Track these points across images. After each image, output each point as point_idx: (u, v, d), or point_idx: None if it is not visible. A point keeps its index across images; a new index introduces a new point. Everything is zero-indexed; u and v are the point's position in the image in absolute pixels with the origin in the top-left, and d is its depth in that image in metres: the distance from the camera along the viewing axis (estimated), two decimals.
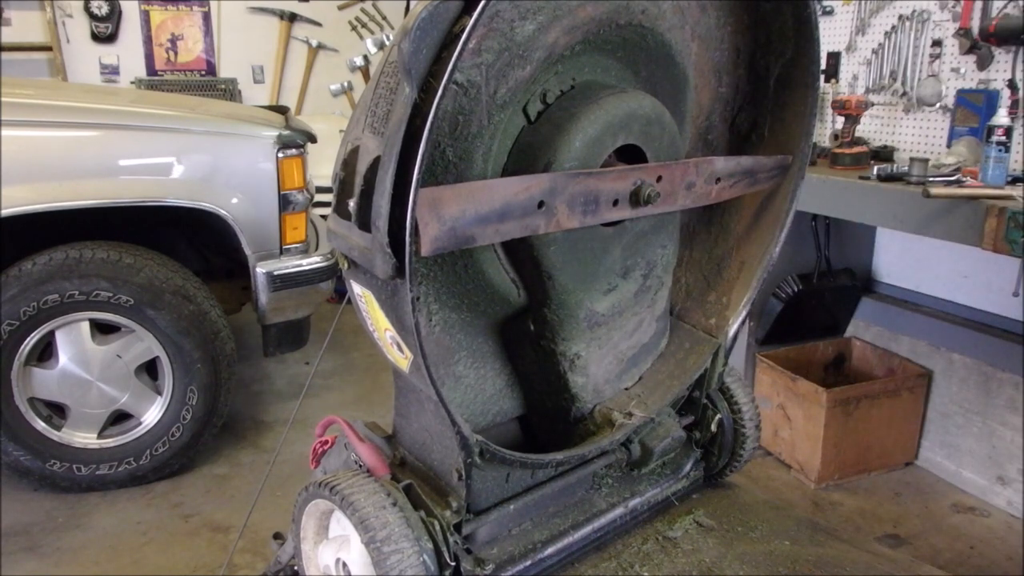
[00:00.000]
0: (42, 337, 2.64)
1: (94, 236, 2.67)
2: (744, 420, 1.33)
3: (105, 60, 5.73)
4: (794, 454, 3.01)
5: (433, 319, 1.01)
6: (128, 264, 2.62)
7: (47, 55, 5.49)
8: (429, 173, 0.88)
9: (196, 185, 2.74)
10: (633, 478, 1.26)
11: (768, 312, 3.14)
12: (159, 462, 2.84)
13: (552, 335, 1.08)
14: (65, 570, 2.37)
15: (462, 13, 0.75)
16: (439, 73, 0.73)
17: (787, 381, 2.96)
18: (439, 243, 0.82)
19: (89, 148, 2.64)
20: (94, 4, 5.55)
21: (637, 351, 1.23)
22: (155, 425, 2.82)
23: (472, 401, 1.11)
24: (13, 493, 2.77)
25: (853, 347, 3.27)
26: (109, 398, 2.76)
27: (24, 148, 2.53)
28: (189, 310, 2.72)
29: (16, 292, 2.53)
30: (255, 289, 2.89)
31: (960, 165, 2.32)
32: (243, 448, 3.17)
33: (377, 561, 0.91)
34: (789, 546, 1.17)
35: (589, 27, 0.95)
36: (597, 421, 1.16)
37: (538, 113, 0.97)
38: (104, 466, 2.78)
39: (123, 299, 2.62)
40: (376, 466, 1.05)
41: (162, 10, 5.84)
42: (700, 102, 1.21)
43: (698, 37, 1.14)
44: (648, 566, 1.12)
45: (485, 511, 1.05)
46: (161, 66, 5.92)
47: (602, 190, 0.98)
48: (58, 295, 2.56)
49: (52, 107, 2.75)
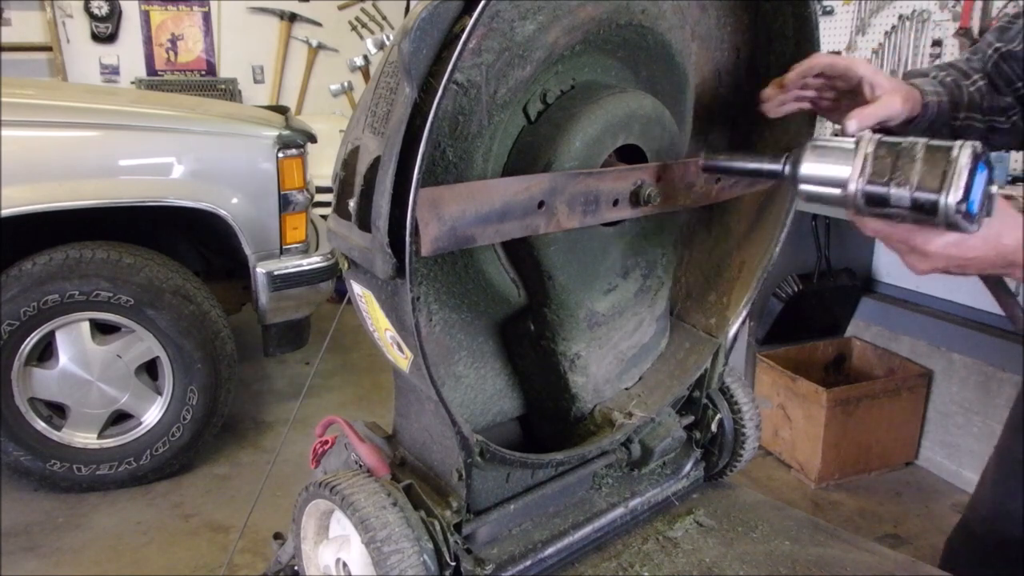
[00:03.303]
0: (42, 337, 2.64)
1: (94, 236, 2.67)
2: (744, 420, 1.33)
3: (105, 60, 5.74)
4: (794, 454, 3.02)
5: (433, 319, 1.01)
6: (128, 264, 2.62)
7: (47, 55, 5.50)
8: (429, 173, 0.88)
9: (196, 185, 2.74)
10: (633, 478, 1.26)
11: (768, 312, 3.14)
12: (159, 462, 2.84)
13: (552, 335, 1.08)
14: (65, 570, 2.37)
15: (462, 13, 0.75)
16: (439, 73, 0.73)
17: (787, 381, 2.96)
18: (439, 243, 0.81)
19: (89, 148, 2.65)
20: (94, 4, 5.55)
21: (637, 351, 1.23)
22: (155, 425, 2.82)
23: (472, 401, 1.11)
24: (13, 493, 2.77)
25: (853, 347, 3.27)
26: (109, 398, 2.76)
27: (24, 148, 2.53)
28: (189, 310, 2.73)
29: (16, 292, 2.53)
30: (255, 289, 2.89)
31: None
32: (243, 448, 3.17)
33: (377, 561, 0.91)
34: (789, 546, 1.17)
35: (589, 27, 0.95)
36: (597, 421, 1.16)
37: (538, 113, 0.97)
38: (104, 466, 2.78)
39: (123, 299, 2.63)
40: (376, 466, 1.05)
41: (162, 10, 5.84)
42: (700, 102, 1.21)
43: (698, 37, 1.14)
44: (648, 566, 1.12)
45: (485, 511, 1.05)
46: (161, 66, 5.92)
47: (602, 190, 0.98)
48: (58, 295, 2.56)
49: (52, 107, 2.75)
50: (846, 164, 0.85)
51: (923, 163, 0.79)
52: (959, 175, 0.77)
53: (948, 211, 0.79)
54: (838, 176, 0.85)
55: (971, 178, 0.78)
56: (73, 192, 2.57)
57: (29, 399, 2.68)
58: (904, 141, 0.82)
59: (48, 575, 2.35)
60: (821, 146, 0.89)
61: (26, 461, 2.70)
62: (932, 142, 0.80)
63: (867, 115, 1.05)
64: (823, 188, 0.88)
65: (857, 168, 0.83)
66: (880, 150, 0.83)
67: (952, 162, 0.78)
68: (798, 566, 1.12)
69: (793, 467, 3.03)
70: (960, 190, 0.77)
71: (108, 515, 2.68)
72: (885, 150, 0.82)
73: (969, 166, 0.77)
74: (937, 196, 0.78)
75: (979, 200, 0.79)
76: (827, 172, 0.87)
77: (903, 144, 0.82)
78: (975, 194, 0.78)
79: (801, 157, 0.89)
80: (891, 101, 1.08)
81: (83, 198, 2.58)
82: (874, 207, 0.84)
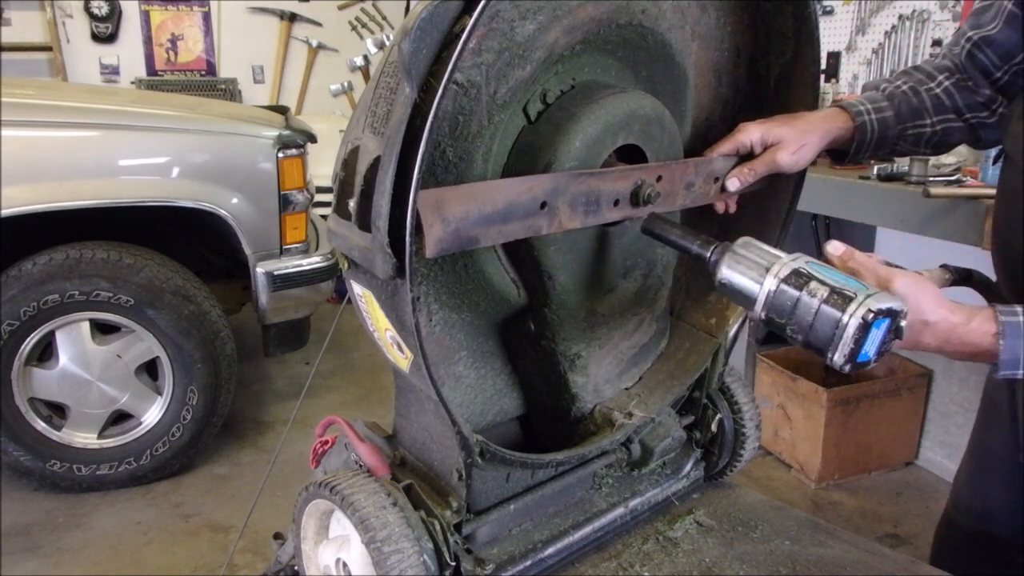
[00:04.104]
0: (42, 337, 2.64)
1: (94, 236, 2.67)
2: (744, 420, 1.33)
3: (105, 60, 5.74)
4: (794, 454, 3.01)
5: (433, 319, 1.01)
6: (128, 264, 2.62)
7: (47, 55, 5.50)
8: (429, 173, 0.88)
9: (196, 185, 2.74)
10: (633, 478, 1.26)
11: None
12: (159, 462, 2.84)
13: (552, 335, 1.08)
14: (65, 570, 2.37)
15: (462, 13, 0.75)
16: (439, 73, 0.73)
17: (787, 381, 2.96)
18: (443, 244, 0.81)
19: (89, 148, 2.65)
20: (94, 4, 5.55)
21: (637, 351, 1.23)
22: (155, 425, 2.82)
23: (472, 401, 1.11)
24: (13, 493, 2.77)
25: None
26: (109, 398, 2.76)
27: (24, 148, 2.53)
28: (189, 310, 2.72)
29: (16, 292, 2.53)
30: (255, 289, 2.89)
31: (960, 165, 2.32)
32: (243, 448, 3.17)
33: (377, 561, 0.91)
34: (789, 546, 1.17)
35: (589, 27, 0.95)
36: (597, 421, 1.16)
37: (538, 113, 0.97)
38: (104, 466, 2.78)
39: (123, 299, 2.63)
40: (376, 466, 1.05)
41: (162, 10, 5.84)
42: (700, 102, 1.21)
43: (698, 37, 1.14)
44: (648, 566, 1.12)
45: (485, 511, 1.05)
46: (161, 66, 5.92)
47: (603, 190, 0.98)
48: (58, 295, 2.56)
49: (52, 107, 2.75)
50: (756, 285, 0.88)
51: (815, 317, 0.83)
52: (845, 343, 0.81)
53: (835, 365, 0.83)
54: (748, 293, 0.89)
55: (860, 341, 0.81)
56: (73, 192, 2.57)
57: (29, 399, 2.68)
58: (811, 283, 0.84)
59: (48, 575, 2.35)
60: (742, 255, 0.91)
61: (26, 461, 2.70)
62: (836, 289, 0.82)
63: (745, 174, 1.12)
64: (735, 298, 0.92)
65: (760, 300, 0.87)
66: (787, 283, 0.85)
67: (841, 328, 0.81)
68: (798, 566, 1.12)
69: (793, 467, 3.03)
70: (845, 355, 0.81)
71: (108, 515, 2.68)
72: (792, 285, 0.85)
73: (856, 335, 0.80)
74: (826, 353, 0.83)
75: (875, 349, 0.82)
76: (740, 285, 0.90)
77: (806, 290, 0.84)
78: (868, 346, 0.81)
79: (721, 261, 0.93)
80: (771, 157, 1.12)
81: (83, 198, 2.58)
82: (775, 331, 0.88)
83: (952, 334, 0.89)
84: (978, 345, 0.89)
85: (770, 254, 0.90)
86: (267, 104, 5.71)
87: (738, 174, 1.12)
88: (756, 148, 1.13)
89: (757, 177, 1.13)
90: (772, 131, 1.12)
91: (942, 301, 0.90)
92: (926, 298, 0.89)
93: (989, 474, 1.39)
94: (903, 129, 1.23)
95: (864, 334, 0.80)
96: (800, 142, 1.13)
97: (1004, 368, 0.89)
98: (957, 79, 1.23)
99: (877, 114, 1.20)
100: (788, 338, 0.87)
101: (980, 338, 0.89)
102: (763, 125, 1.12)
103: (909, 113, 1.22)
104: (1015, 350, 0.88)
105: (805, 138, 1.13)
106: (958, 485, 1.49)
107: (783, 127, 1.12)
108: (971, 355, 0.91)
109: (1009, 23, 1.16)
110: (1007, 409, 1.32)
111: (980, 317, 0.89)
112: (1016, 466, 1.30)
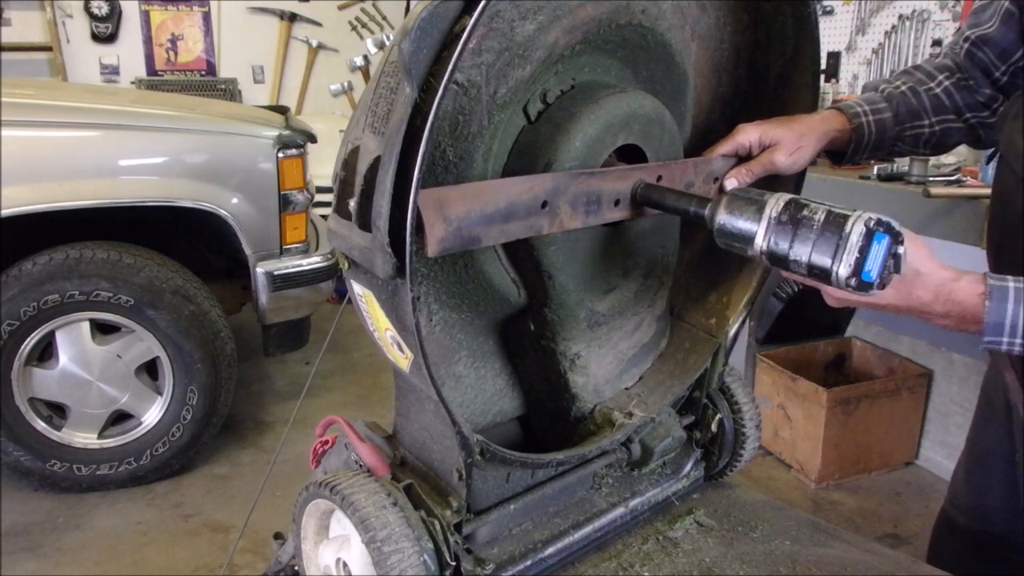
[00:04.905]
0: (42, 337, 2.64)
1: (94, 236, 2.67)
2: (744, 420, 1.33)
3: (105, 60, 5.74)
4: (794, 454, 3.02)
5: (433, 319, 1.01)
6: (128, 264, 2.62)
7: (47, 55, 5.50)
8: (429, 173, 0.88)
9: (196, 185, 2.74)
10: (633, 478, 1.26)
11: (768, 312, 3.14)
12: (159, 462, 2.84)
13: (552, 335, 1.08)
14: (65, 570, 2.37)
15: (462, 13, 0.75)
16: (439, 73, 0.73)
17: (787, 381, 2.96)
18: (445, 244, 0.81)
19: (89, 148, 2.65)
20: (94, 4, 5.55)
21: (637, 351, 1.23)
22: (155, 425, 2.82)
23: (472, 401, 1.11)
24: (13, 493, 2.77)
25: (853, 347, 3.27)
26: (109, 398, 2.76)
27: (24, 148, 2.53)
28: (189, 310, 2.73)
29: (16, 292, 2.53)
30: (255, 289, 2.89)
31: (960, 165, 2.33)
32: (243, 448, 3.17)
33: (377, 561, 0.91)
34: (789, 546, 1.17)
35: (589, 27, 0.95)
36: (597, 421, 1.16)
37: (538, 113, 0.97)
38: (104, 466, 2.78)
39: (123, 299, 2.63)
40: (376, 466, 1.05)
41: (162, 10, 5.84)
42: (700, 102, 1.21)
43: (698, 37, 1.14)
44: (648, 566, 1.12)
45: (485, 511, 1.05)
46: (161, 66, 5.93)
47: (604, 190, 0.98)
48: (58, 295, 2.56)
49: (52, 107, 2.75)
50: (755, 222, 0.89)
51: (819, 233, 0.84)
52: (849, 251, 0.82)
53: (840, 282, 0.83)
54: (747, 232, 0.90)
55: (864, 251, 0.82)
56: (73, 192, 2.57)
57: (29, 399, 2.68)
58: (809, 206, 0.86)
59: (48, 575, 2.35)
60: (737, 198, 0.93)
61: (26, 461, 2.70)
62: (834, 210, 0.84)
63: (743, 174, 1.13)
64: (735, 241, 0.92)
65: (761, 231, 0.88)
66: (784, 214, 0.87)
67: (844, 237, 0.82)
68: (798, 566, 1.12)
69: (793, 467, 3.03)
70: (850, 265, 0.82)
71: (108, 515, 2.68)
72: (788, 214, 0.86)
73: (860, 242, 0.81)
74: (830, 267, 0.83)
75: (878, 269, 0.83)
76: (738, 227, 0.91)
77: (806, 211, 0.85)
78: (871, 264, 0.82)
79: (717, 209, 0.94)
80: (768, 158, 1.13)
81: (83, 198, 2.58)
82: (777, 265, 0.89)
83: (941, 289, 0.90)
84: (964, 304, 0.90)
85: (762, 192, 0.92)
86: (267, 104, 5.71)
87: (736, 174, 1.12)
88: (754, 149, 1.13)
89: (755, 178, 1.13)
90: (770, 133, 1.12)
91: (932, 256, 0.91)
92: (917, 250, 0.90)
93: (986, 471, 1.39)
94: (901, 130, 1.23)
95: (868, 244, 0.81)
96: (797, 144, 1.13)
97: (988, 333, 0.89)
98: (957, 79, 1.23)
99: (875, 116, 1.21)
100: (789, 269, 0.87)
101: (967, 297, 0.89)
102: (761, 127, 1.13)
103: (907, 114, 1.22)
104: (1000, 314, 0.88)
105: (802, 140, 1.14)
106: (955, 482, 1.50)
107: (780, 129, 1.13)
108: (958, 317, 0.91)
109: (1006, 21, 1.17)
110: (1003, 407, 1.32)
111: (969, 277, 0.91)
112: (1012, 463, 1.30)
